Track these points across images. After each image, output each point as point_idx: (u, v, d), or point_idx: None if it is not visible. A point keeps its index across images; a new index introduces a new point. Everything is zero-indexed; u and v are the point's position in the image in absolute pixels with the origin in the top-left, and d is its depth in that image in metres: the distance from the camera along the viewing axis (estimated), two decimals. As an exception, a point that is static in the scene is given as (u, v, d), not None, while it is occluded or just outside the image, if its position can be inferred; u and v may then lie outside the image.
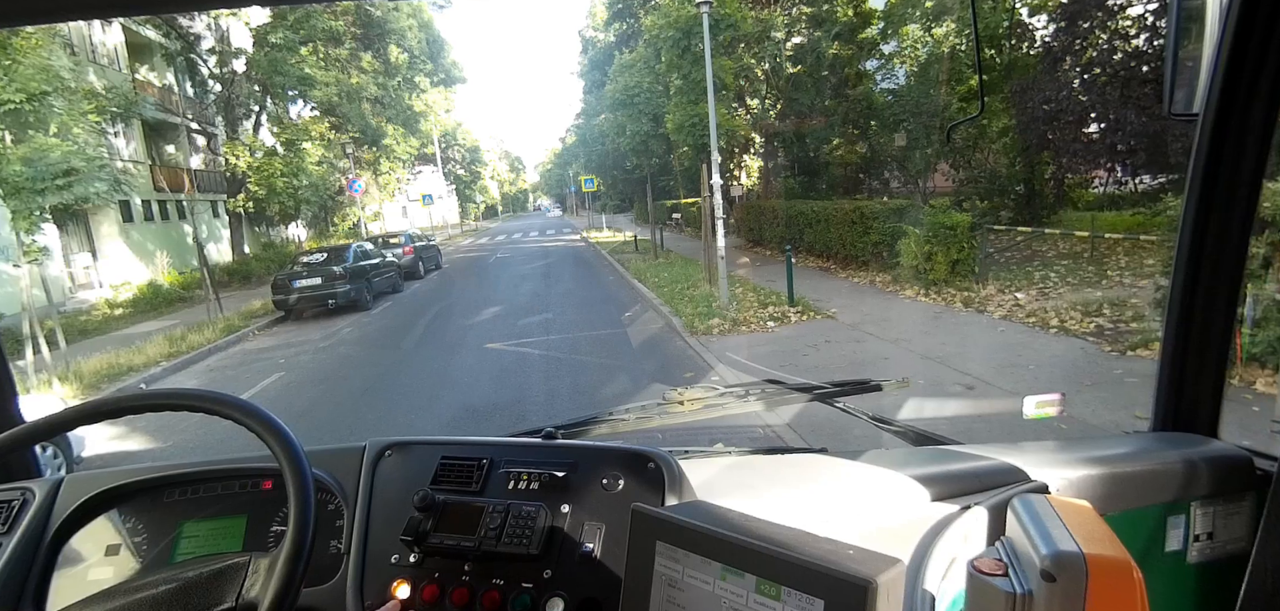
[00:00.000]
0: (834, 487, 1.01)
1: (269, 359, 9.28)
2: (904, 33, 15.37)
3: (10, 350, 6.09)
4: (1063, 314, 6.86)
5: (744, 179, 17.75)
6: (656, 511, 0.69)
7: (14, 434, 0.77)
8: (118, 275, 16.96)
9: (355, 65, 23.14)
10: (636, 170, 21.88)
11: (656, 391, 1.77)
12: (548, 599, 0.84)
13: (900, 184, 16.68)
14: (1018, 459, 1.04)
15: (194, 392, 0.78)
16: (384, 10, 23.95)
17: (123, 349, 9.73)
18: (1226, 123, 1.01)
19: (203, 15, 17.73)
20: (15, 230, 9.03)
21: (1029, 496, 0.77)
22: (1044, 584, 0.63)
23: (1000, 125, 12.72)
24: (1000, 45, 13.28)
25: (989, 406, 4.80)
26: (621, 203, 39.90)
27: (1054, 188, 12.94)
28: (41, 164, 9.58)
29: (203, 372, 9.15)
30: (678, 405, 1.39)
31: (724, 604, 0.61)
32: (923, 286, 8.93)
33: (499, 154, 71.91)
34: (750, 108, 17.44)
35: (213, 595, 0.77)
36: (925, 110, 13.66)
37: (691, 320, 8.46)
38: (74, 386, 8.01)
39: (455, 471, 0.98)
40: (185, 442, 5.60)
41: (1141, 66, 10.32)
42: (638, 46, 19.58)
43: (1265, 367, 4.38)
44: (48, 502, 0.97)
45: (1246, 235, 1.07)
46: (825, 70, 16.19)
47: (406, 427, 5.58)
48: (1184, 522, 1.05)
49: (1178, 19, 1.06)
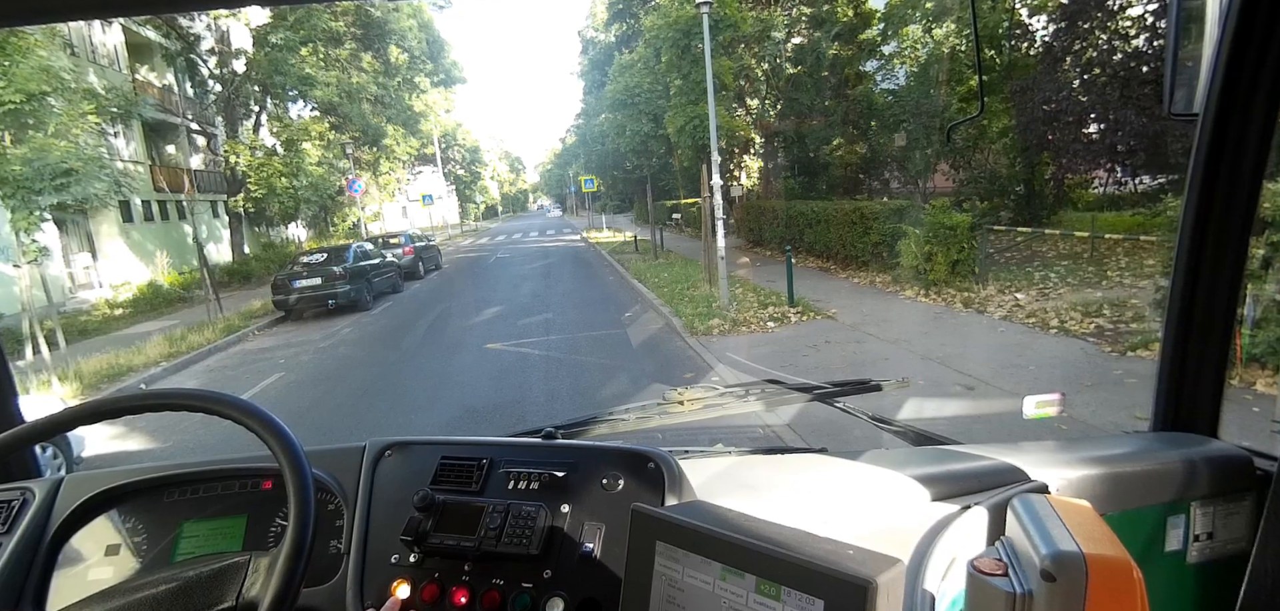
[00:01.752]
0: (834, 487, 1.01)
1: (269, 359, 9.28)
2: (904, 33, 15.38)
3: (10, 350, 6.09)
4: (1063, 314, 6.86)
5: (744, 179, 17.74)
6: (656, 511, 0.69)
7: (14, 434, 0.77)
8: (118, 275, 16.97)
9: (355, 65, 23.14)
10: (636, 170, 21.89)
11: (656, 391, 1.77)
12: (548, 599, 0.84)
13: (900, 184, 16.67)
14: (1018, 459, 1.04)
15: (194, 392, 0.78)
16: (384, 10, 23.95)
17: (123, 349, 9.73)
18: (1226, 123, 1.01)
19: (203, 15, 17.74)
20: (15, 230, 9.03)
21: (1029, 496, 0.77)
22: (1044, 584, 0.63)
23: (1000, 125, 12.72)
24: (1000, 46, 13.28)
25: (989, 406, 4.80)
26: (621, 203, 39.92)
27: (1054, 188, 12.94)
28: (41, 164, 9.59)
29: (203, 373, 9.15)
30: (678, 405, 1.39)
31: (724, 604, 0.61)
32: (923, 287, 8.93)
33: (499, 154, 71.91)
34: (750, 108, 17.44)
35: (213, 594, 0.78)
36: (925, 110, 13.66)
37: (691, 320, 8.46)
38: (74, 386, 8.01)
39: (455, 471, 0.98)
40: (185, 442, 5.60)
41: (1141, 67, 10.32)
42: (638, 47, 19.58)
43: (1265, 368, 4.38)
44: (48, 502, 0.97)
45: (1246, 235, 1.07)
46: (825, 70, 16.19)
47: (406, 427, 5.58)
48: (1184, 522, 1.05)
49: (1178, 19, 1.06)
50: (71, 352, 9.45)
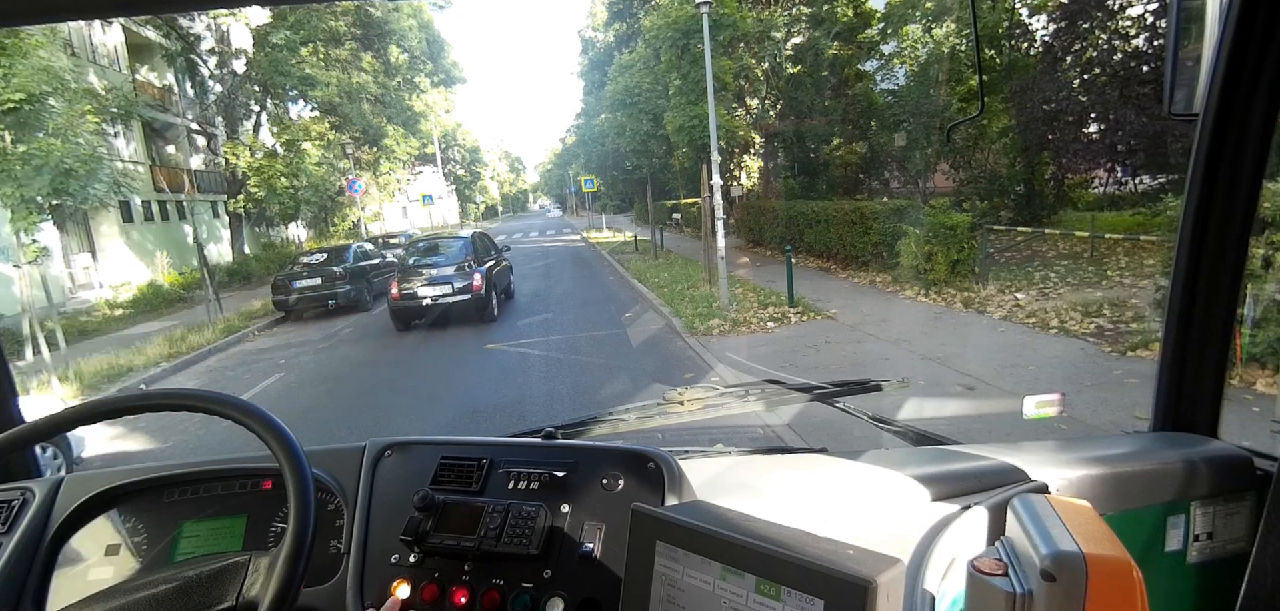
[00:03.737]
0: (834, 487, 1.01)
1: (269, 359, 9.28)
2: (904, 33, 15.37)
3: (10, 350, 6.09)
4: (1063, 314, 6.86)
5: (744, 179, 17.73)
6: (656, 511, 0.69)
7: (14, 434, 0.77)
8: (118, 275, 16.97)
9: (356, 66, 23.14)
10: (636, 171, 21.87)
11: (656, 391, 1.76)
12: (548, 599, 0.84)
13: (900, 184, 16.67)
14: (1018, 459, 1.04)
15: (194, 392, 0.78)
16: (384, 11, 23.94)
17: (123, 349, 9.73)
18: (1226, 123, 1.01)
19: (203, 15, 17.74)
20: (15, 230, 9.03)
21: (1029, 496, 0.77)
22: (1044, 583, 0.63)
23: (1000, 125, 12.71)
24: (1000, 45, 13.27)
25: (989, 406, 4.80)
26: (621, 203, 39.89)
27: (1054, 188, 12.94)
28: (41, 164, 9.58)
29: (203, 373, 9.15)
30: (678, 405, 1.39)
31: (724, 604, 0.61)
32: (923, 287, 8.92)
33: (499, 154, 71.90)
34: (750, 108, 17.44)
35: (213, 594, 0.78)
36: (925, 110, 13.66)
37: (691, 320, 8.46)
38: (74, 386, 8.01)
39: (455, 471, 0.98)
40: (185, 442, 5.60)
41: (1141, 67, 10.32)
42: (637, 47, 19.57)
43: (1265, 368, 4.38)
44: (48, 502, 0.97)
45: (1246, 235, 1.07)
46: (825, 70, 16.19)
47: (406, 427, 5.58)
48: (1184, 522, 1.05)
49: (1178, 19, 1.06)
50: (71, 353, 9.45)
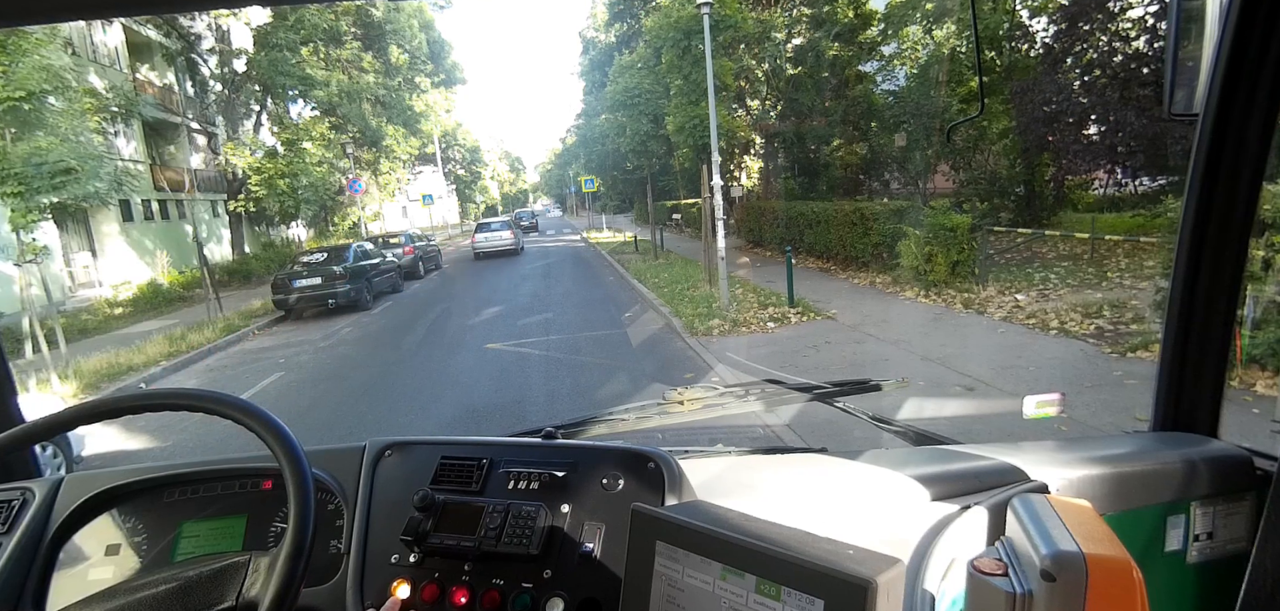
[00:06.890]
0: (834, 487, 1.01)
1: (269, 358, 9.28)
2: (904, 34, 15.38)
3: (10, 349, 6.09)
4: (1063, 315, 6.86)
5: (744, 179, 17.74)
6: (656, 511, 0.69)
7: (14, 434, 0.77)
8: (118, 274, 16.96)
9: (356, 66, 23.14)
10: (636, 171, 21.87)
11: (656, 391, 1.77)
12: (548, 599, 0.84)
13: (900, 185, 16.67)
14: (1018, 459, 1.04)
15: (194, 392, 0.78)
16: (385, 11, 23.94)
17: (123, 348, 9.72)
18: (1226, 123, 1.01)
19: (203, 15, 17.73)
20: (15, 229, 9.03)
21: (1029, 496, 0.77)
22: (1044, 583, 0.63)
23: (1000, 127, 12.71)
24: (1000, 47, 13.28)
25: (989, 406, 4.80)
26: (621, 203, 39.85)
27: (1054, 189, 12.93)
28: (41, 163, 9.59)
29: (203, 372, 9.15)
30: (677, 405, 1.39)
31: (724, 604, 0.61)
32: (923, 287, 8.92)
33: (499, 154, 71.84)
34: (750, 108, 17.44)
35: (213, 594, 0.77)
36: (925, 111, 13.65)
37: (691, 320, 8.45)
38: (74, 386, 8.01)
39: (455, 471, 0.98)
40: (185, 442, 5.60)
41: (1141, 68, 10.31)
42: (638, 47, 19.57)
43: (1265, 368, 4.38)
44: (48, 502, 0.97)
45: (1246, 236, 1.07)
46: (825, 71, 16.18)
47: (406, 427, 5.58)
48: (1184, 522, 1.05)
49: (1178, 19, 1.06)
50: (71, 352, 9.45)
